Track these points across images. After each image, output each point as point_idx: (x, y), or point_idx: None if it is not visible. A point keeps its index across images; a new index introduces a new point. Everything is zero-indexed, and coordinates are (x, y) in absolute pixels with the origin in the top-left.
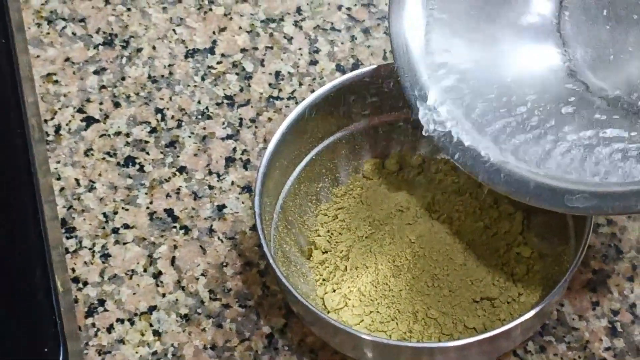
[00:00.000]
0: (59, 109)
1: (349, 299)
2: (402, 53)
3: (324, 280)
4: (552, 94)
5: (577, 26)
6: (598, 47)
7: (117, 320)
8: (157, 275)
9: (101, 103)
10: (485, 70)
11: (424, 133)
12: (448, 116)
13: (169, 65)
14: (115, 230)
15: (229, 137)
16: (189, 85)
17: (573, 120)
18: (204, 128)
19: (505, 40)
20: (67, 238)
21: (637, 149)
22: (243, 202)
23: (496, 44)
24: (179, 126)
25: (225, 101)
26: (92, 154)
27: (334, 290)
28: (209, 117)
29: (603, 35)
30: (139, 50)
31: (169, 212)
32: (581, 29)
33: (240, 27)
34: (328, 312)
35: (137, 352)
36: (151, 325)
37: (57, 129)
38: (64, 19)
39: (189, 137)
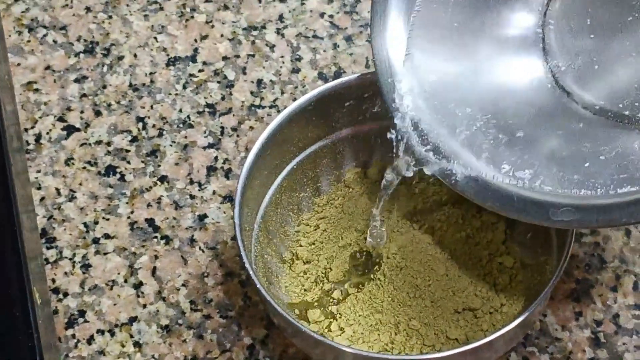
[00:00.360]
0: (40, 117)
1: (331, 311)
2: (385, 68)
3: (305, 290)
4: (535, 106)
5: (561, 37)
6: (582, 57)
7: (98, 331)
8: (137, 285)
9: (82, 111)
10: (467, 84)
11: (401, 148)
12: (428, 129)
13: (150, 74)
14: (95, 240)
15: (210, 146)
16: (170, 94)
17: (556, 131)
18: (185, 137)
19: (489, 54)
20: (47, 248)
21: (620, 161)
22: (224, 212)
23: (479, 57)
24: (160, 135)
25: (207, 110)
26: (73, 163)
27: (316, 301)
28: (191, 126)
29: (587, 45)
30: (120, 58)
31: (150, 221)
32: (565, 40)
33: (222, 35)
34: (310, 323)
35: None
36: (132, 336)
37: (38, 137)
38: (44, 27)
39: (170, 146)
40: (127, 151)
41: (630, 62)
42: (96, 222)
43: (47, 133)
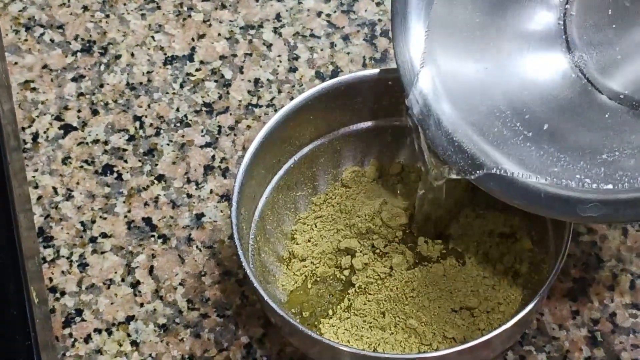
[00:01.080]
0: (37, 116)
1: (328, 309)
2: (408, 69)
3: (301, 288)
4: (560, 98)
5: (583, 28)
6: (605, 48)
7: (95, 330)
8: (135, 284)
9: (79, 110)
10: (490, 80)
11: (431, 150)
12: (452, 128)
13: (148, 73)
14: (93, 240)
15: (207, 145)
16: (167, 93)
17: (582, 124)
18: (183, 136)
19: (510, 50)
20: (45, 247)
21: None
22: (222, 211)
23: (501, 53)
24: (157, 134)
25: (204, 109)
26: (70, 162)
27: (313, 299)
28: (188, 125)
29: (609, 36)
30: (118, 57)
31: (147, 220)
32: (587, 31)
33: (219, 34)
34: (307, 322)
35: None
36: (129, 335)
37: (35, 136)
38: (42, 26)
39: (168, 145)
40: (124, 150)
41: None
42: (93, 221)
43: (45, 132)
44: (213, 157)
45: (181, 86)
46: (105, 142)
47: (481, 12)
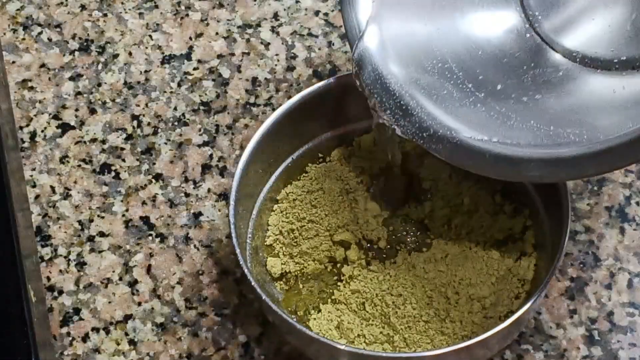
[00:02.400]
0: (34, 115)
1: (325, 306)
2: (355, 34)
3: (299, 283)
4: (514, 58)
5: None
6: (558, 6)
7: (93, 329)
8: (132, 283)
9: (77, 109)
10: (442, 41)
11: (370, 104)
12: (399, 90)
13: (145, 72)
14: (90, 238)
15: (205, 143)
16: (165, 92)
17: (536, 82)
18: (180, 135)
19: (464, 10)
20: (42, 246)
21: (594, 108)
22: (219, 210)
23: (454, 14)
24: (155, 133)
25: (202, 107)
26: (68, 161)
27: (309, 296)
28: (185, 124)
29: None
30: (115, 56)
31: (145, 219)
32: None
33: (216, 33)
34: (302, 321)
35: None
36: (127, 334)
37: (33, 135)
38: (39, 25)
39: (165, 143)
40: (122, 149)
41: (601, 6)
42: (91, 220)
43: (42, 131)
44: (211, 156)
45: (179, 85)
46: (103, 141)
47: None
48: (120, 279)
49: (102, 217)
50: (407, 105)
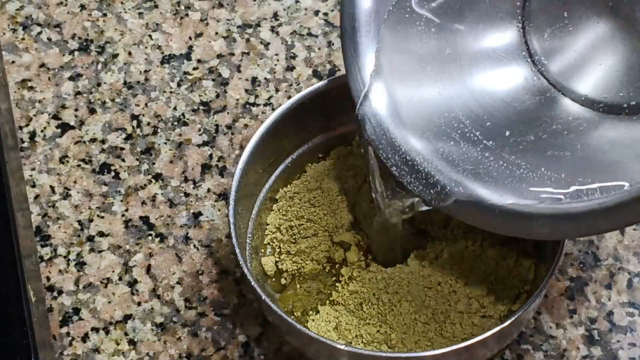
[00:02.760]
0: (34, 115)
1: (323, 307)
2: (358, 88)
3: (291, 288)
4: (523, 105)
5: (542, 34)
6: (564, 51)
7: (92, 329)
8: (132, 283)
9: (76, 109)
10: (449, 93)
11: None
12: (405, 142)
13: (145, 71)
14: (90, 238)
15: (205, 143)
16: (164, 92)
17: (544, 129)
18: (180, 135)
19: (471, 64)
20: (42, 246)
21: (605, 153)
22: (219, 210)
23: (458, 64)
24: (154, 133)
25: (201, 107)
26: (68, 161)
27: (306, 296)
28: (185, 124)
29: (567, 38)
30: (115, 56)
31: (145, 219)
32: (546, 37)
33: (216, 33)
34: (299, 321)
35: None
36: (126, 334)
37: (32, 135)
38: (39, 25)
39: (165, 143)
40: (122, 149)
41: (607, 50)
42: (91, 220)
43: (42, 131)
44: (210, 155)
45: (178, 85)
46: (103, 141)
47: (434, 42)
48: (120, 278)
49: (102, 217)
50: (414, 161)
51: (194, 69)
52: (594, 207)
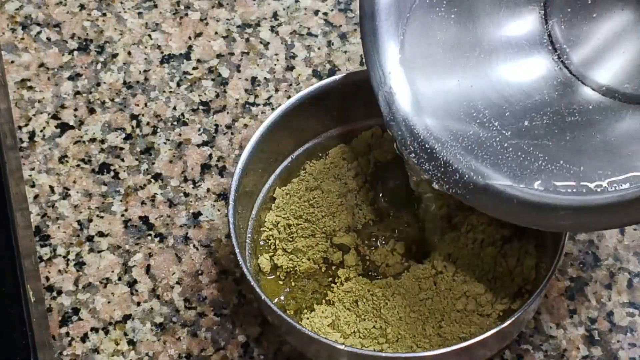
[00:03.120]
0: (33, 115)
1: (319, 306)
2: (380, 76)
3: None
4: (543, 94)
5: (564, 23)
6: (587, 40)
7: (92, 329)
8: (132, 283)
9: (76, 109)
10: (469, 83)
11: (399, 151)
12: (425, 130)
13: (145, 71)
14: (89, 238)
15: (204, 143)
16: (164, 91)
17: (564, 120)
18: (180, 134)
19: (492, 55)
20: (41, 246)
21: (625, 145)
22: (219, 210)
23: (479, 53)
24: (154, 132)
25: (201, 107)
26: (67, 161)
27: (301, 294)
28: (185, 124)
29: (591, 26)
30: (114, 55)
31: (144, 219)
32: (569, 25)
33: (216, 33)
34: (296, 320)
35: None
36: (126, 334)
37: (31, 135)
38: (38, 24)
39: (165, 143)
40: (121, 149)
41: (632, 38)
42: (90, 220)
43: (41, 131)
44: (210, 155)
45: (178, 85)
46: (102, 141)
47: (455, 29)
48: (120, 279)
49: (101, 217)
50: (432, 149)
51: (194, 68)
52: (614, 200)
